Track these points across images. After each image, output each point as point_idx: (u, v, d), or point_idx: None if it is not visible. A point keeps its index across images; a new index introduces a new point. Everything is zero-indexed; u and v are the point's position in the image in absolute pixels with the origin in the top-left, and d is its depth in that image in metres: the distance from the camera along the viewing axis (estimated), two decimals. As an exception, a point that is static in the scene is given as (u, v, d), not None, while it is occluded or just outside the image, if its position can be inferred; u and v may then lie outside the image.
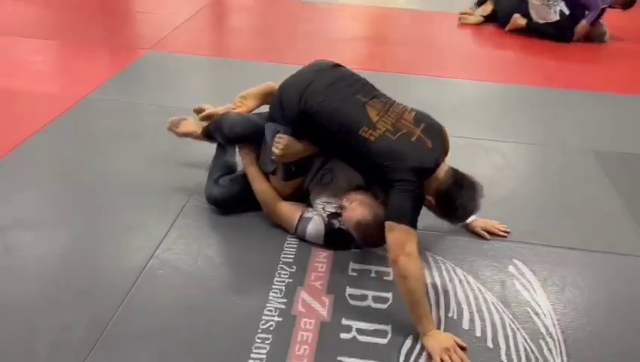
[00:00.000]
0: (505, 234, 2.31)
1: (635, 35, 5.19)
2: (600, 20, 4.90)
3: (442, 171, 1.97)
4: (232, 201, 2.34)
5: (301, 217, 2.18)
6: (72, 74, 3.64)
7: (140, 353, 1.69)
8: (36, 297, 1.87)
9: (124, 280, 1.95)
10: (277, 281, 1.99)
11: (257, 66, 3.91)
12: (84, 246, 2.14)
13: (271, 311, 1.86)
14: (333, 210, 2.17)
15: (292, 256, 2.12)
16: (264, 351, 1.71)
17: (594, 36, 4.95)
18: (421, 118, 2.06)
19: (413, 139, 1.97)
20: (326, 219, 2.16)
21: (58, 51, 4.08)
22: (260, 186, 2.26)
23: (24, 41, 4.10)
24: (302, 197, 2.29)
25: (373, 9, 5.75)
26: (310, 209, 2.22)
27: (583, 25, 4.86)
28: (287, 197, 2.27)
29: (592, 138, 3.20)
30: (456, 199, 1.95)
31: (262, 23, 5.15)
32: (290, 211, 2.22)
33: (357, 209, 2.05)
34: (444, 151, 2.04)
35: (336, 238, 2.15)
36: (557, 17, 4.87)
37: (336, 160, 2.24)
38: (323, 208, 2.19)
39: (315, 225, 2.16)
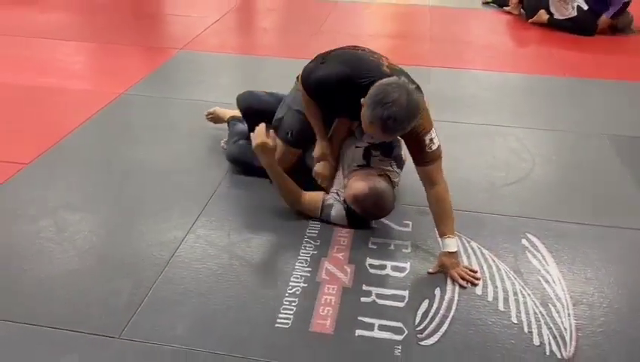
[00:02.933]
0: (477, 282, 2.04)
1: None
2: (627, 10, 4.94)
3: None
4: (249, 160, 2.53)
5: (323, 204, 2.32)
6: (110, 73, 3.86)
7: (179, 313, 1.86)
8: (86, 268, 2.06)
9: (163, 251, 2.13)
10: (302, 253, 2.15)
11: (283, 62, 4.08)
12: (127, 224, 2.32)
13: (297, 278, 2.02)
14: None
15: (316, 232, 2.28)
16: (291, 312, 1.87)
17: (621, 26, 4.99)
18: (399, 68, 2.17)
19: (368, 52, 2.21)
20: (344, 203, 2.30)
21: (96, 53, 4.31)
22: (283, 183, 2.34)
23: (64, 44, 4.35)
24: (301, 171, 2.44)
25: (395, 7, 5.88)
26: (328, 196, 2.35)
27: (604, 19, 4.90)
28: (287, 171, 2.36)
29: (607, 124, 3.28)
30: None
31: (287, 23, 5.34)
32: (311, 200, 2.34)
33: (352, 185, 2.21)
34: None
35: (358, 219, 2.29)
36: (575, 13, 4.93)
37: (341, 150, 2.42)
38: (337, 194, 2.35)
39: (337, 210, 2.30)
